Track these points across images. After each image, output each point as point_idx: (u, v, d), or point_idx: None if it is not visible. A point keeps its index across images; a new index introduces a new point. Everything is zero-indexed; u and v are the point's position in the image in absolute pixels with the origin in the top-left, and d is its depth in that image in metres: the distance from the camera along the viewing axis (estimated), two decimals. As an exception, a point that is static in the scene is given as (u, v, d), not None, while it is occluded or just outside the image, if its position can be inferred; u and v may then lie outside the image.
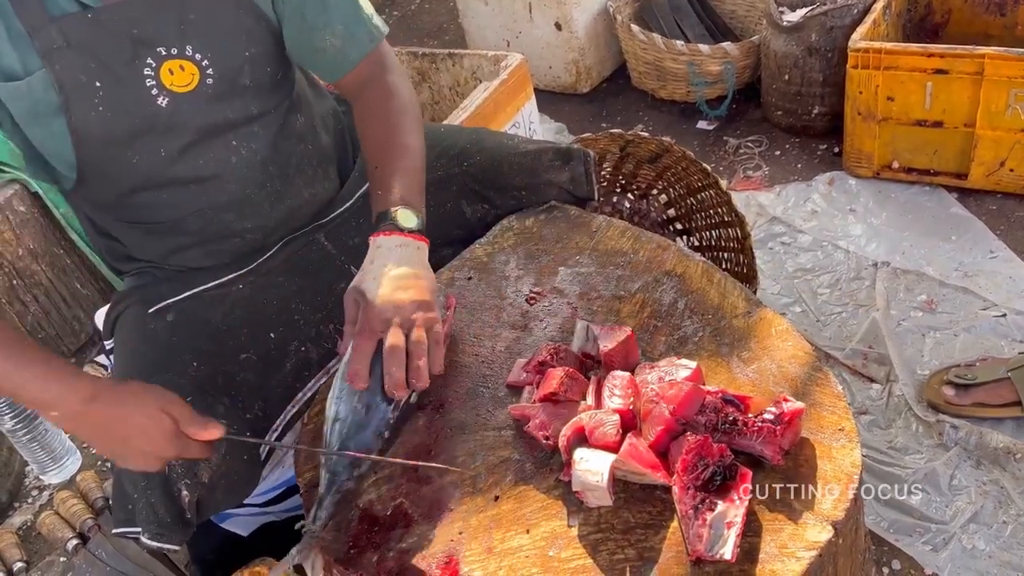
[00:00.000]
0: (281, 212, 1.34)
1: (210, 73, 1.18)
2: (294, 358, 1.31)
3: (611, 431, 0.97)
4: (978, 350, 1.78)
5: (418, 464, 1.06)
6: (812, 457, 0.95)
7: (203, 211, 1.27)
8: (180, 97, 1.17)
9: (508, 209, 1.47)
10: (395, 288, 1.09)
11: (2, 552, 1.67)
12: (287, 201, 1.34)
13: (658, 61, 2.75)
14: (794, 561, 0.86)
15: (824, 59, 2.37)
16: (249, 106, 1.25)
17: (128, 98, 1.15)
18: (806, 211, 2.29)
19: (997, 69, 1.97)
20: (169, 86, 1.16)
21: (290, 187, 1.34)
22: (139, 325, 1.29)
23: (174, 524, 1.14)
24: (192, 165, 1.22)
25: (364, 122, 1.30)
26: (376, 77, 1.31)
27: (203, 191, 1.25)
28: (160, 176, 1.21)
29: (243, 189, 1.28)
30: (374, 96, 1.30)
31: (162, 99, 1.16)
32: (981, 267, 1.98)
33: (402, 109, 1.28)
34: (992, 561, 1.42)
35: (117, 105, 1.14)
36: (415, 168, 1.23)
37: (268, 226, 1.34)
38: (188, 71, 1.17)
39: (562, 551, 0.94)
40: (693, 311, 1.19)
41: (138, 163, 1.19)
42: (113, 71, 1.13)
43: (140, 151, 1.18)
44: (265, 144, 1.28)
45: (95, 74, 1.12)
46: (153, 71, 1.15)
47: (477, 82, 2.38)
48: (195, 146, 1.21)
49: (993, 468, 1.55)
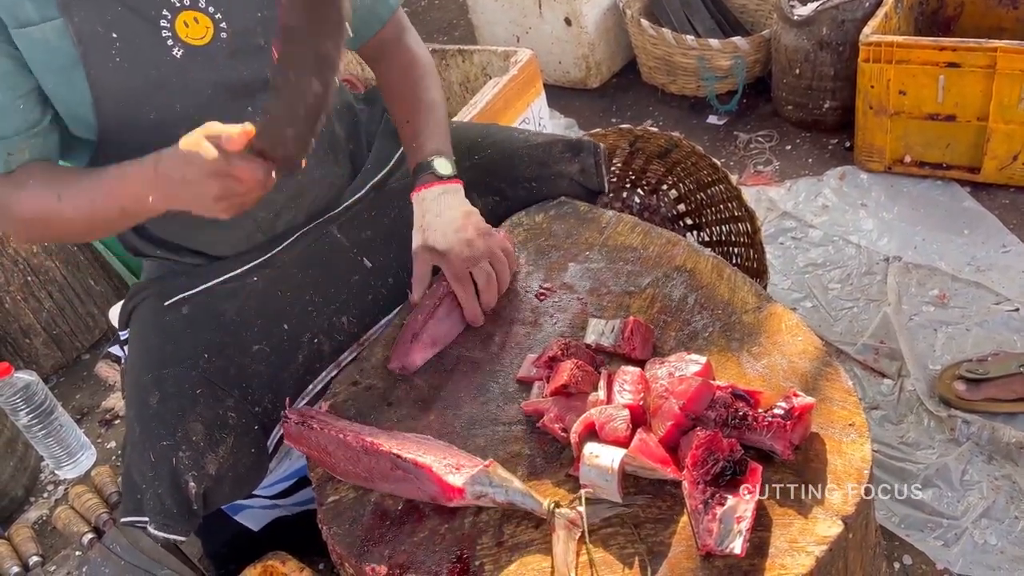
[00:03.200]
0: (291, 189, 1.34)
1: (224, 27, 1.19)
2: (306, 350, 1.32)
3: (621, 426, 0.98)
4: (990, 345, 1.78)
5: None
6: (822, 452, 0.95)
7: None
8: (195, 50, 1.18)
9: (519, 201, 1.47)
10: (458, 230, 1.23)
11: (18, 546, 1.68)
12: (296, 178, 1.34)
13: (668, 56, 2.74)
14: (804, 556, 0.86)
15: (835, 53, 2.36)
16: (264, 70, 1.25)
17: (144, 49, 1.15)
18: (817, 206, 2.28)
19: (1010, 62, 1.95)
20: (184, 38, 1.17)
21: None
22: (154, 317, 1.30)
23: (181, 515, 1.16)
24: None
25: (391, 81, 1.41)
26: (398, 38, 1.42)
27: None
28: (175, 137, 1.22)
29: None
30: (398, 56, 1.41)
31: (177, 50, 1.17)
32: (994, 261, 1.97)
33: (425, 67, 1.40)
34: (1004, 556, 1.42)
35: (134, 56, 1.15)
36: (442, 120, 1.35)
37: (278, 202, 1.34)
38: (202, 23, 1.18)
39: (572, 545, 0.94)
40: (703, 306, 1.19)
41: (156, 119, 1.19)
42: (129, 22, 1.13)
43: (157, 108, 1.19)
44: None
45: (112, 25, 1.12)
46: (168, 23, 1.16)
47: (487, 78, 2.39)
48: (212, 105, 1.21)
49: (1005, 463, 1.55)
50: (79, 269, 2.41)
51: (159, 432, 1.16)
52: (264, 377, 1.27)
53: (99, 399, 2.30)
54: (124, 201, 1.11)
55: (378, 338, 1.34)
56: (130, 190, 1.09)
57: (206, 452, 1.16)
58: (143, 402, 1.20)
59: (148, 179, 1.07)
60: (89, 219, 1.14)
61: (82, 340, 2.48)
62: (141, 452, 1.17)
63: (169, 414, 1.17)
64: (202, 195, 1.05)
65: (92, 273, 2.45)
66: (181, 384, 1.20)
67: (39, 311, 2.35)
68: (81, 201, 1.12)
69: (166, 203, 1.10)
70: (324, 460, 1.11)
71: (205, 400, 1.19)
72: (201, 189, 1.04)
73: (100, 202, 1.11)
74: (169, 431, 1.16)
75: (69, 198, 1.13)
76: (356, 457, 1.05)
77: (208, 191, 1.04)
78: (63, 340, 2.43)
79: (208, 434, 1.17)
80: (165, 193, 1.08)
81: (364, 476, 1.07)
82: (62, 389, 2.39)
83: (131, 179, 1.09)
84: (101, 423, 2.22)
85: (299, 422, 1.13)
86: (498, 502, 0.98)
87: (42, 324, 2.36)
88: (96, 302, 2.47)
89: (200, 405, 1.18)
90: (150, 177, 1.07)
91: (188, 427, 1.16)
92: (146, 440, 1.17)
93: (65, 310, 2.41)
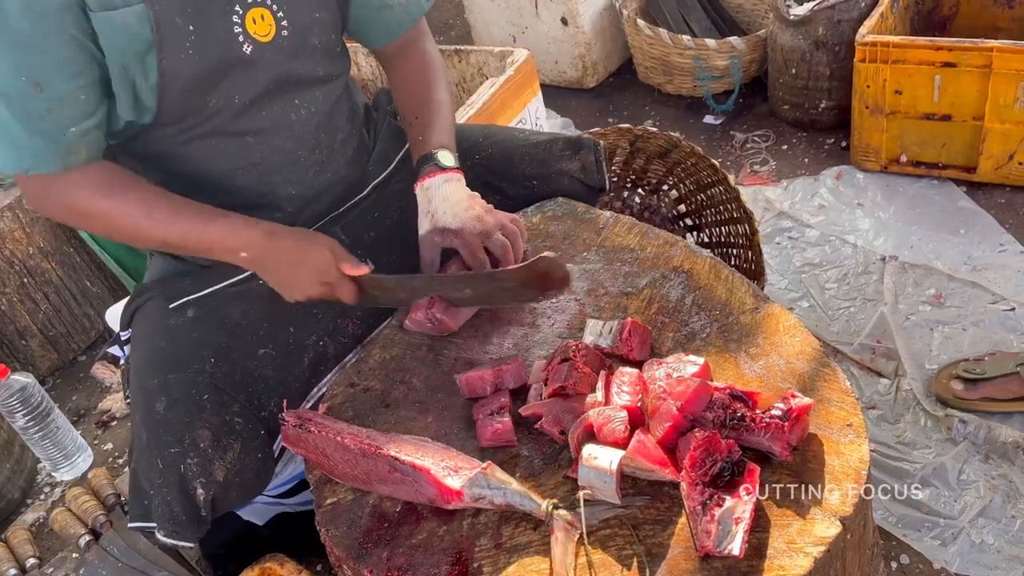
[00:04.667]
0: (320, 184, 1.38)
1: (285, 26, 1.24)
2: (312, 352, 1.33)
3: (619, 427, 0.98)
4: (987, 344, 1.78)
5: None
6: (820, 453, 0.95)
7: (256, 166, 1.30)
8: (262, 46, 1.22)
9: (520, 200, 1.48)
10: (467, 209, 1.29)
11: (15, 548, 1.68)
12: (327, 175, 1.39)
13: (664, 56, 2.74)
14: (802, 556, 0.86)
15: (831, 53, 2.36)
16: (316, 67, 1.31)
17: (217, 43, 1.18)
18: (813, 206, 2.29)
19: (1006, 62, 1.96)
20: (253, 34, 1.21)
21: (332, 161, 1.39)
22: (159, 320, 1.30)
23: (189, 522, 1.16)
24: (257, 117, 1.27)
25: (405, 79, 1.46)
26: (418, 39, 1.48)
27: (261, 143, 1.29)
28: (227, 126, 1.25)
29: (295, 149, 1.32)
30: (415, 56, 1.47)
31: (247, 46, 1.21)
32: (990, 261, 1.98)
33: (438, 69, 1.47)
34: (1001, 556, 1.42)
35: (206, 49, 1.17)
36: (449, 119, 1.41)
37: (306, 196, 1.37)
38: (268, 21, 1.23)
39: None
40: (701, 307, 1.19)
41: (212, 108, 1.23)
42: (206, 15, 1.16)
43: (218, 97, 1.22)
44: (323, 109, 1.34)
45: (190, 17, 1.15)
46: (240, 18, 1.19)
47: (483, 78, 2.39)
48: (265, 97, 1.26)
49: (1002, 462, 1.55)
50: (75, 271, 2.41)
51: (167, 439, 1.16)
52: (270, 381, 1.27)
53: (96, 400, 2.30)
54: (217, 248, 1.22)
55: (375, 339, 1.34)
56: (230, 243, 1.21)
57: (214, 459, 1.16)
58: (150, 407, 1.19)
59: (256, 243, 1.21)
60: (166, 243, 1.24)
61: (78, 341, 2.48)
62: (149, 459, 1.17)
63: (176, 420, 1.17)
64: (298, 287, 1.24)
65: (88, 275, 2.45)
66: (188, 390, 1.19)
67: (35, 313, 2.34)
68: (172, 230, 1.20)
69: (256, 266, 1.25)
70: (322, 463, 1.11)
71: (212, 406, 1.19)
72: (303, 284, 1.23)
73: (193, 237, 1.21)
74: (177, 438, 1.16)
75: (159, 221, 1.20)
76: (354, 460, 1.05)
77: (309, 288, 1.23)
78: (59, 342, 2.43)
79: (216, 440, 1.17)
80: (262, 263, 1.23)
81: (362, 478, 1.07)
82: (58, 391, 2.38)
83: (238, 236, 1.21)
84: (98, 425, 2.22)
85: (297, 425, 1.12)
86: (496, 504, 0.98)
87: (38, 326, 2.36)
88: (92, 303, 2.47)
89: (207, 411, 1.18)
90: (259, 243, 1.21)
91: (196, 434, 1.16)
92: (154, 447, 1.17)
93: (61, 312, 2.40)
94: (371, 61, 2.55)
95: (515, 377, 1.14)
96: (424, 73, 1.46)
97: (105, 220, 1.22)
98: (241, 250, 1.21)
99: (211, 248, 1.22)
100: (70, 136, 1.14)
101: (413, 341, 1.29)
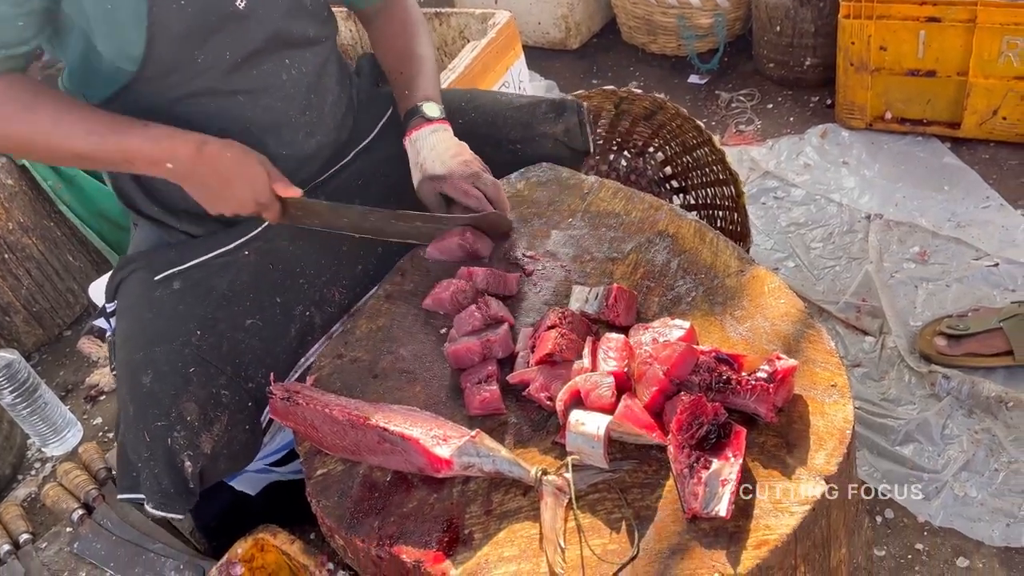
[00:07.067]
0: (311, 147, 1.38)
1: None
2: (298, 322, 1.32)
3: (606, 393, 0.98)
4: (970, 300, 1.79)
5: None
6: (805, 413, 0.96)
7: (247, 126, 1.29)
8: (256, 3, 1.22)
9: (505, 164, 1.47)
10: (454, 156, 1.32)
11: (8, 524, 1.69)
12: (318, 137, 1.38)
13: (648, 15, 2.71)
14: (788, 516, 0.88)
15: (816, 9, 2.34)
16: (307, 28, 1.32)
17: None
18: (799, 165, 2.28)
19: (990, 16, 1.95)
20: None
21: (322, 123, 1.39)
22: (144, 292, 1.29)
23: (178, 494, 1.16)
24: (248, 75, 1.26)
25: (387, 35, 1.48)
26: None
27: (252, 103, 1.28)
28: (218, 84, 1.24)
29: (286, 110, 1.32)
30: (398, 13, 1.49)
31: (240, 2, 1.20)
32: (974, 217, 1.99)
33: (420, 24, 1.49)
34: (984, 508, 1.45)
35: (200, 1, 1.16)
36: (432, 71, 1.44)
37: (297, 159, 1.36)
38: None
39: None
40: (686, 271, 1.19)
41: (202, 64, 1.21)
42: None
43: (208, 52, 1.21)
44: (313, 71, 1.34)
45: None
46: None
47: (465, 41, 2.35)
48: (256, 56, 1.25)
49: (985, 417, 1.57)
50: (57, 245, 2.38)
51: (153, 412, 1.16)
52: (257, 352, 1.27)
53: (83, 375, 2.29)
54: (139, 160, 1.17)
55: (362, 308, 1.33)
56: (154, 155, 1.16)
57: (201, 431, 1.16)
58: (136, 381, 1.19)
59: (183, 155, 1.16)
60: (79, 155, 1.18)
61: (63, 316, 2.46)
62: (136, 432, 1.17)
63: (163, 394, 1.17)
64: (228, 201, 1.21)
65: (70, 249, 2.42)
66: (174, 362, 1.19)
67: (18, 289, 2.32)
68: (81, 138, 1.15)
69: (183, 179, 1.19)
70: (311, 435, 1.11)
71: (198, 379, 1.19)
72: (234, 198, 1.20)
73: (109, 147, 1.15)
74: (163, 411, 1.16)
75: (68, 127, 1.14)
76: (343, 431, 1.06)
77: (239, 203, 1.21)
78: (44, 317, 2.41)
79: (202, 413, 1.17)
80: (191, 172, 1.18)
81: (351, 449, 1.07)
82: (45, 366, 2.37)
83: (161, 147, 1.15)
84: (86, 399, 2.21)
85: (284, 398, 1.12)
86: (486, 471, 0.98)
87: (22, 302, 2.34)
88: (75, 278, 2.45)
89: (193, 384, 1.18)
90: (188, 155, 1.16)
91: (182, 407, 1.16)
92: (140, 420, 1.17)
93: (44, 287, 2.38)
94: (350, 26, 2.51)
95: (503, 347, 1.14)
96: (406, 29, 1.47)
97: (16, 135, 1.16)
98: (167, 161, 1.17)
99: (131, 160, 1.17)
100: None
101: (399, 311, 1.29)
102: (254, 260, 1.33)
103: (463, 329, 1.16)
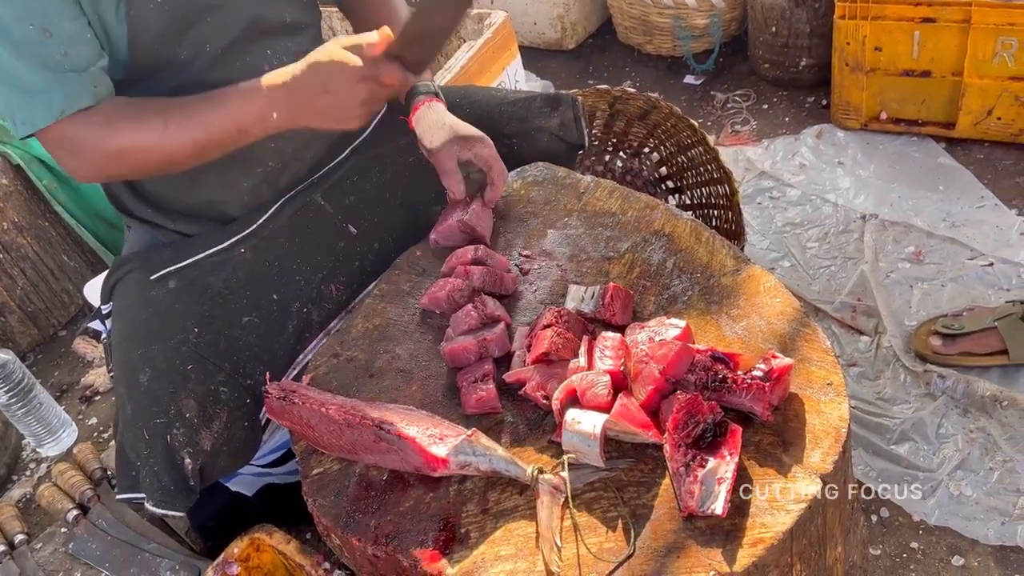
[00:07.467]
0: (300, 140, 1.36)
1: None
2: (296, 319, 1.33)
3: (602, 392, 0.98)
4: (965, 300, 1.80)
5: None
6: (801, 412, 0.97)
7: None
8: None
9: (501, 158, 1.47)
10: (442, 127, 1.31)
11: (3, 524, 1.68)
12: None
13: (644, 15, 2.71)
14: (784, 514, 0.88)
15: (811, 10, 2.35)
16: (284, 14, 1.30)
17: None
18: (794, 165, 2.29)
19: (984, 17, 1.95)
20: None
21: None
22: (140, 292, 1.29)
23: (178, 491, 1.16)
24: (232, 67, 1.24)
25: (369, 11, 1.43)
26: None
27: None
28: (202, 76, 1.23)
29: None
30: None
31: None
32: (968, 217, 1.99)
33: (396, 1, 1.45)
34: (979, 507, 1.45)
35: None
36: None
37: (287, 150, 1.35)
38: None
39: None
40: (682, 270, 1.20)
41: (185, 58, 1.21)
42: None
43: (190, 46, 1.20)
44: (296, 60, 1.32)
45: None
46: None
47: (461, 41, 2.35)
48: (238, 46, 1.24)
49: (980, 416, 1.58)
50: (51, 245, 2.37)
51: (152, 410, 1.16)
52: (255, 349, 1.27)
53: (78, 375, 2.28)
54: (245, 121, 1.15)
55: (357, 308, 1.33)
56: (254, 108, 1.14)
57: (200, 428, 1.16)
58: (133, 379, 1.19)
59: (276, 97, 1.14)
60: (198, 144, 1.16)
61: (58, 317, 2.45)
62: (134, 430, 1.17)
63: (161, 391, 1.17)
64: (346, 103, 1.13)
65: (65, 249, 2.41)
66: (171, 360, 1.19)
67: (12, 288, 2.31)
68: (193, 126, 1.15)
69: (293, 119, 1.16)
70: (307, 434, 1.11)
71: (196, 376, 1.19)
72: (347, 97, 1.12)
73: (217, 124, 1.15)
74: (162, 408, 1.15)
75: (177, 124, 1.15)
76: (339, 430, 1.06)
77: (355, 97, 1.13)
78: (39, 317, 2.40)
79: (201, 410, 1.17)
80: (297, 107, 1.14)
81: (348, 448, 1.07)
82: (40, 366, 2.36)
83: (255, 98, 1.14)
84: (81, 400, 2.21)
85: (280, 397, 1.12)
86: (482, 470, 0.98)
87: (16, 302, 2.33)
88: (71, 278, 2.44)
89: (192, 381, 1.18)
90: (279, 95, 1.14)
91: (181, 404, 1.16)
92: (139, 418, 1.17)
93: (39, 287, 2.37)
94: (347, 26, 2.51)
95: (499, 346, 1.14)
96: (387, 3, 1.44)
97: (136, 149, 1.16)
98: (268, 110, 1.15)
99: (242, 127, 1.16)
100: (93, 71, 1.13)
101: (395, 310, 1.29)
102: (250, 258, 1.33)
103: (459, 328, 1.16)
